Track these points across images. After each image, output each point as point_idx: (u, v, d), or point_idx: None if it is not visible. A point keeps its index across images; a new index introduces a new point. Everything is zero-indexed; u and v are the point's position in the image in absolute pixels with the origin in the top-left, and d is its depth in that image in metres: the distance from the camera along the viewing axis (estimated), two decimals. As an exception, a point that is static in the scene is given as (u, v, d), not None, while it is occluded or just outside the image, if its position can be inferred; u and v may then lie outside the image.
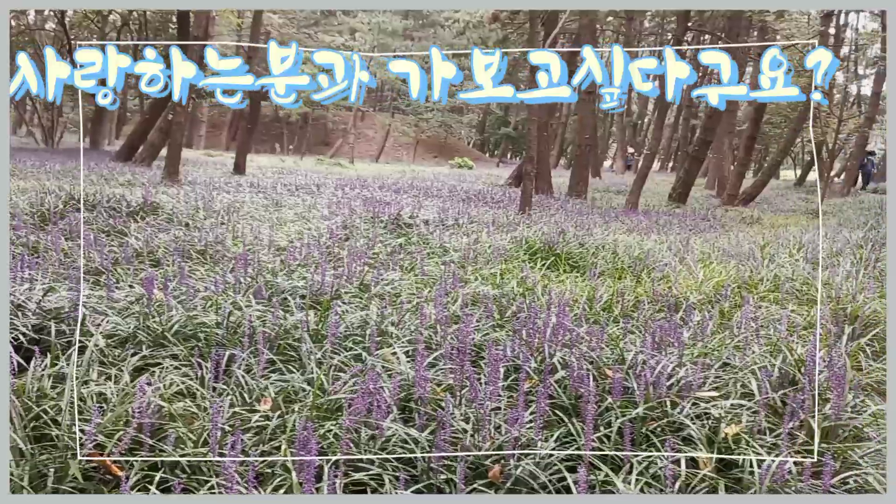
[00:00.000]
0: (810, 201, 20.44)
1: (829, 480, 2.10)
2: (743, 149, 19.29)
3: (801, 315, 4.76)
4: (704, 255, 7.34)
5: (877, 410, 2.85)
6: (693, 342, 3.56)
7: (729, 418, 2.60)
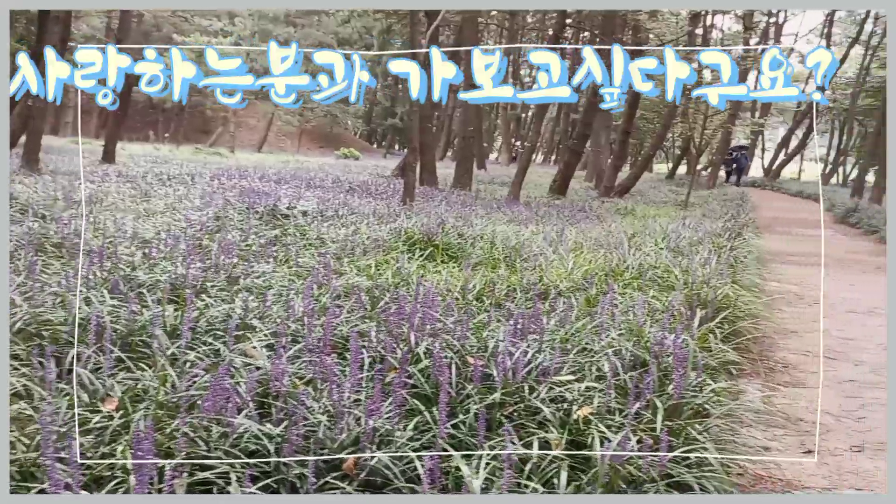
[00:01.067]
0: (680, 193, 21.54)
1: (665, 456, 2.22)
2: (618, 143, 20.13)
3: (659, 301, 5.01)
4: (577, 244, 7.60)
5: (717, 388, 3.05)
6: (557, 328, 3.68)
7: (581, 401, 2.70)
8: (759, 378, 4.57)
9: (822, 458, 3.35)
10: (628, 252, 6.97)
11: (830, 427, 3.76)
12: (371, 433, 2.26)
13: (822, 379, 4.64)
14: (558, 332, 3.59)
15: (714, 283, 5.43)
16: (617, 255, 6.78)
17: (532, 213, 11.56)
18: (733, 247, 8.38)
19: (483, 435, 2.24)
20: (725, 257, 6.93)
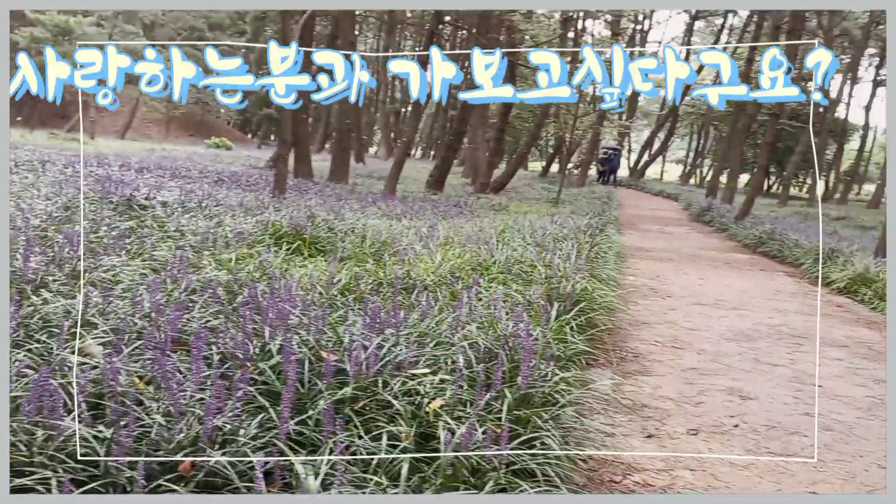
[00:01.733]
0: (552, 190, 22.28)
1: (506, 445, 2.29)
2: (494, 140, 20.55)
3: (521, 294, 5.15)
4: (448, 239, 7.70)
5: (565, 377, 3.18)
6: (417, 322, 3.70)
7: (433, 394, 2.73)
8: (611, 367, 4.80)
9: (660, 440, 3.57)
10: (496, 247, 7.13)
11: (671, 412, 4.00)
12: (210, 433, 2.18)
13: (668, 367, 4.94)
14: (418, 325, 3.61)
15: (573, 278, 5.64)
16: (485, 250, 6.92)
17: (407, 208, 11.60)
18: (595, 243, 8.75)
19: (330, 431, 2.22)
20: (586, 253, 7.22)
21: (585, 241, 8.25)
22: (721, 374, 4.85)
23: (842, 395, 4.53)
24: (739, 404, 4.23)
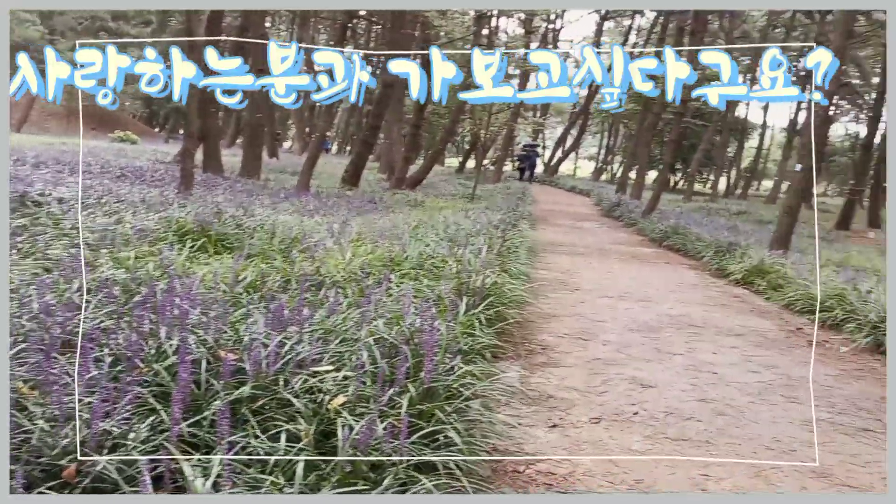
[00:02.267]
0: (469, 186, 22.46)
1: (405, 439, 2.30)
2: (410, 136, 20.53)
3: (432, 289, 5.17)
4: (361, 235, 7.65)
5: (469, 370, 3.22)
6: (323, 319, 3.66)
7: (335, 391, 2.71)
8: (519, 360, 4.88)
9: (564, 430, 3.65)
10: (409, 243, 7.14)
11: (575, 402, 4.10)
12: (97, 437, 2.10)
13: (574, 359, 5.07)
14: (324, 322, 3.58)
15: (484, 272, 5.70)
16: (398, 245, 6.91)
17: (320, 204, 11.47)
18: (507, 238, 8.88)
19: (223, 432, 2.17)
20: (497, 248, 7.32)
21: (497, 236, 8.35)
22: (624, 363, 5.01)
23: (735, 382, 4.75)
24: (640, 392, 4.38)
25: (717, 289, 8.85)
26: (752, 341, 6.02)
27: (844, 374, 5.14)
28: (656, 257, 11.76)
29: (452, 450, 2.67)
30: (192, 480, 1.95)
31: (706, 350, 5.58)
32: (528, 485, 2.96)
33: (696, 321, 6.67)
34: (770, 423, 3.97)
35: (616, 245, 13.24)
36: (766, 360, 5.41)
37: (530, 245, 10.63)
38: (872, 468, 3.43)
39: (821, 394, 4.60)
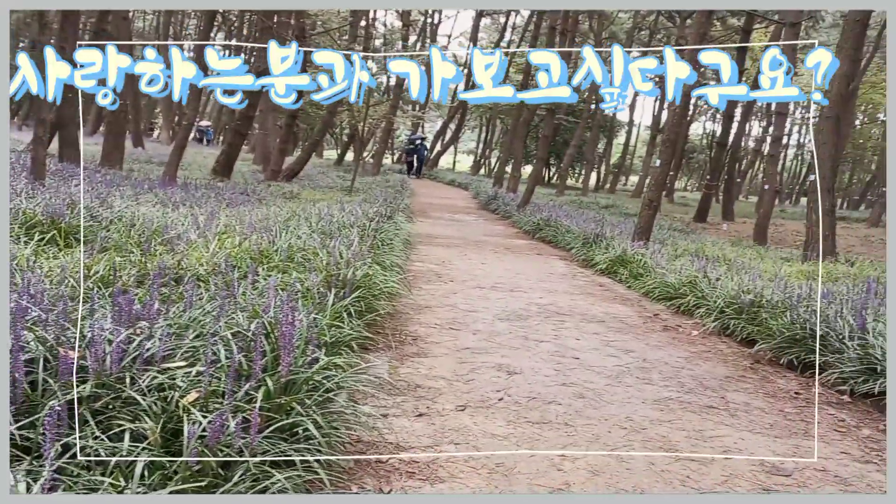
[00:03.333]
0: (347, 178, 22.28)
1: (255, 434, 2.24)
2: (285, 127, 20.08)
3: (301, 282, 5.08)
4: (229, 227, 7.40)
5: (332, 362, 3.19)
6: (179, 314, 3.52)
7: (185, 386, 2.61)
8: (389, 351, 4.89)
9: (430, 418, 3.69)
10: (279, 235, 6.98)
11: (442, 391, 4.15)
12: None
13: (444, 348, 5.14)
14: (179, 317, 3.43)
15: (354, 264, 5.67)
16: (267, 237, 6.74)
17: (188, 195, 11.01)
18: (382, 230, 8.87)
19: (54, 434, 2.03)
20: (371, 240, 7.29)
21: (372, 228, 8.32)
22: (492, 352, 5.12)
23: (595, 366, 4.97)
24: (506, 379, 4.49)
25: (583, 278, 9.23)
26: (613, 327, 6.32)
27: (694, 356, 5.49)
28: (529, 249, 12.11)
29: (312, 443, 2.64)
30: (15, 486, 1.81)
31: (570, 336, 5.80)
32: (390, 474, 2.97)
33: (563, 309, 6.92)
34: (624, 404, 4.18)
35: (491, 237, 13.53)
36: (625, 344, 5.70)
37: (406, 237, 10.67)
38: (714, 443, 3.68)
39: (672, 374, 4.89)
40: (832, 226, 11.00)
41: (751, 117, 34.41)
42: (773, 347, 5.42)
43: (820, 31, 32.39)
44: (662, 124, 26.41)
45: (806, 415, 4.24)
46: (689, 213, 23.75)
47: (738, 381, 4.86)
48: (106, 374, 2.49)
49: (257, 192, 13.97)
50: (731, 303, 6.35)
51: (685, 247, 11.42)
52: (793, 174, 54.10)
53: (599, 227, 12.14)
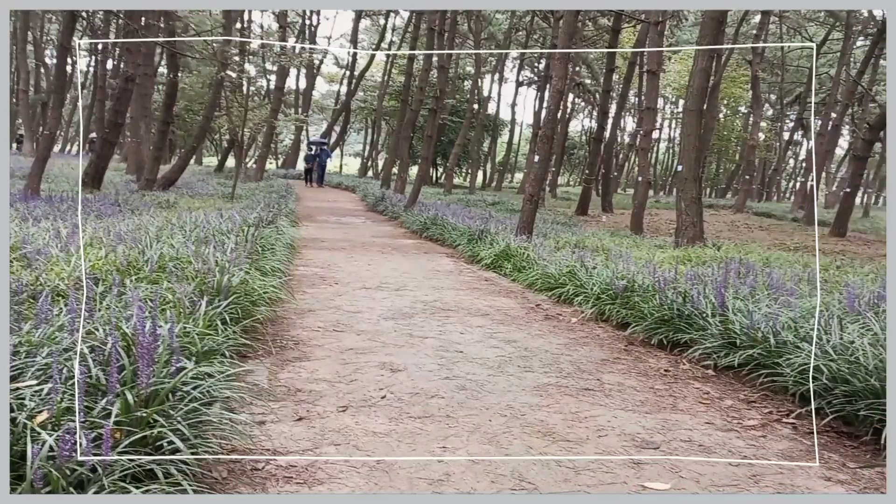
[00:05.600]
0: (228, 185, 21.60)
1: (108, 449, 2.13)
2: (158, 133, 19.25)
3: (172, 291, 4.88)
4: (95, 239, 7.01)
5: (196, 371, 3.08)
6: (32, 330, 3.29)
7: (34, 406, 2.44)
8: (269, 357, 4.77)
9: (310, 421, 3.63)
10: (150, 245, 6.68)
11: (324, 393, 4.09)
12: None
13: (327, 351, 5.06)
14: (31, 334, 3.21)
15: (231, 270, 5.50)
16: (137, 248, 6.44)
17: (52, 209, 10.35)
18: (261, 235, 8.66)
19: None
20: (249, 245, 7.10)
21: (251, 234, 8.10)
22: (376, 351, 5.10)
23: (478, 358, 5.04)
24: (389, 377, 4.48)
25: (469, 274, 9.36)
26: (497, 319, 6.44)
27: (572, 342, 5.67)
28: (416, 248, 12.16)
29: (179, 455, 2.53)
30: None
31: (455, 331, 5.86)
32: (266, 480, 2.89)
33: (448, 305, 6.99)
34: (505, 392, 4.25)
35: (378, 238, 13.49)
36: (508, 335, 5.81)
37: (290, 242, 10.48)
38: (589, 423, 3.81)
39: (551, 361, 5.03)
40: (699, 213, 11.65)
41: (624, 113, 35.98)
42: (644, 329, 5.68)
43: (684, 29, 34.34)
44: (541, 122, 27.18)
45: (674, 390, 4.47)
46: (571, 207, 24.57)
47: (613, 363, 5.06)
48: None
49: (129, 203, 13.32)
50: (607, 289, 6.60)
51: (566, 239, 11.80)
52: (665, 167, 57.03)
53: (484, 223, 12.35)
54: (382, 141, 50.44)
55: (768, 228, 20.20)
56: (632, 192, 37.51)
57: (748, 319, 4.78)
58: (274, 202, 15.33)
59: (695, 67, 12.12)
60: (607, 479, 3.07)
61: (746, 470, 3.23)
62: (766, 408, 4.18)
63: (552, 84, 11.45)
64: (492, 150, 47.47)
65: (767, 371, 4.37)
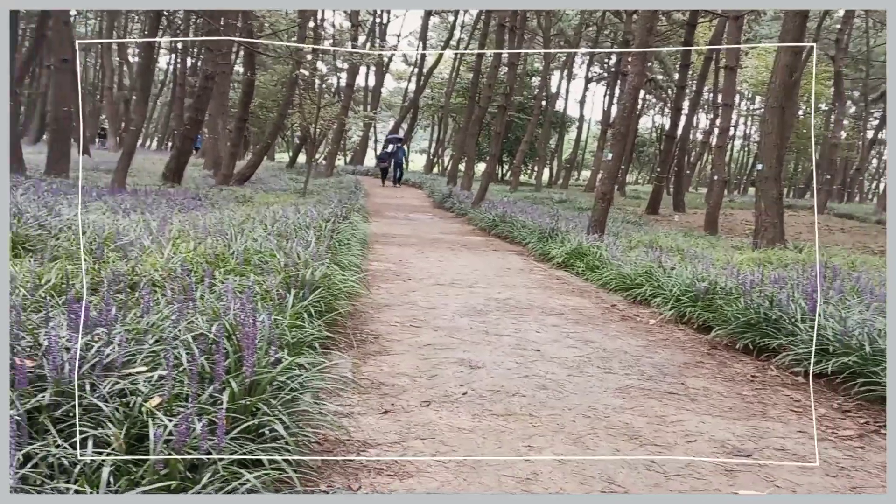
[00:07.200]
0: (300, 181, 22.08)
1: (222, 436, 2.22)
2: (234, 130, 19.80)
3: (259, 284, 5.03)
4: (182, 232, 7.28)
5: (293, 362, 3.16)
6: (136, 319, 3.45)
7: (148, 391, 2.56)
8: (351, 350, 4.87)
9: (395, 415, 3.69)
10: (235, 238, 6.89)
11: (406, 388, 4.15)
12: None
13: (406, 346, 5.13)
14: (138, 322, 3.37)
15: (313, 265, 5.63)
16: (223, 241, 6.65)
17: (138, 202, 10.78)
18: (339, 230, 8.82)
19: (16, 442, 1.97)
20: (328, 241, 7.24)
21: (328, 229, 8.27)
22: (454, 347, 5.14)
23: (556, 357, 5.02)
24: (469, 373, 4.51)
25: (540, 272, 9.32)
26: (572, 319, 6.40)
27: (652, 344, 5.59)
28: (485, 245, 12.18)
29: (279, 443, 2.61)
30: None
31: (531, 329, 5.85)
32: (358, 472, 2.96)
33: (522, 303, 6.98)
34: (587, 393, 4.23)
35: (447, 235, 13.56)
36: (584, 335, 5.77)
37: (363, 237, 10.64)
38: (676, 427, 3.75)
39: (631, 362, 4.97)
40: (780, 213, 11.31)
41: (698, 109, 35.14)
42: (728, 333, 5.56)
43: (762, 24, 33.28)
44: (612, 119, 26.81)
45: (763, 397, 4.36)
46: (641, 206, 24.16)
47: (697, 367, 4.97)
48: (65, 382, 2.43)
49: (209, 197, 13.76)
50: (687, 291, 6.48)
51: (639, 238, 11.61)
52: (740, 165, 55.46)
53: (554, 221, 12.27)
54: (448, 138, 50.60)
55: (850, 231, 19.44)
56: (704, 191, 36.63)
57: (841, 326, 4.62)
58: (345, 198, 15.59)
59: (777, 63, 11.73)
60: (699, 486, 3.03)
61: (846, 482, 3.13)
62: (861, 417, 4.04)
63: (628, 81, 11.28)
64: (559, 147, 47.05)
65: (863, 380, 4.21)
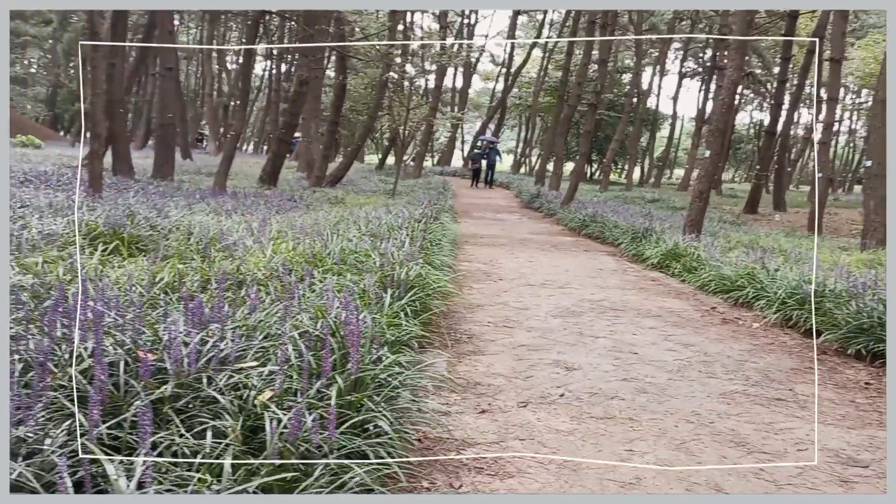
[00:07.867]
0: (389, 182, 22.41)
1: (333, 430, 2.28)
2: (327, 133, 20.30)
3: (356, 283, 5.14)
4: (281, 232, 7.53)
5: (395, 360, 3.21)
6: (246, 316, 3.59)
7: (260, 385, 2.67)
8: (446, 349, 4.91)
9: (493, 415, 3.70)
10: (331, 238, 7.07)
11: (502, 388, 4.16)
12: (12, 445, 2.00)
13: (500, 346, 5.13)
14: (246, 319, 3.50)
15: (407, 265, 5.71)
16: (319, 242, 6.84)
17: (238, 203, 11.22)
18: (430, 230, 8.91)
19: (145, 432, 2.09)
20: (420, 241, 7.33)
21: (420, 229, 8.37)
22: (548, 349, 5.10)
23: (655, 360, 4.91)
24: (565, 375, 4.47)
25: (634, 273, 9.13)
26: (670, 321, 6.24)
27: (757, 349, 5.39)
28: (575, 245, 12.03)
29: (383, 439, 2.67)
30: (116, 480, 1.87)
31: (626, 332, 5.74)
32: (459, 470, 2.99)
33: (616, 304, 6.86)
34: (689, 398, 4.12)
35: (536, 235, 13.48)
36: (684, 338, 5.62)
37: (453, 237, 10.71)
38: (786, 435, 3.61)
39: (735, 367, 4.81)
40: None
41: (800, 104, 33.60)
42: (839, 338, 5.29)
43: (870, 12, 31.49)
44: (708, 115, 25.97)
45: (878, 405, 4.13)
46: (738, 205, 23.31)
47: (805, 373, 4.76)
48: (184, 375, 2.56)
49: (304, 199, 14.16)
50: (793, 293, 6.21)
51: (738, 238, 11.21)
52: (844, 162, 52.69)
53: (648, 221, 12.00)
54: (536, 137, 50.26)
55: (970, 231, 18.12)
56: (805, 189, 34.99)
57: (967, 332, 4.32)
58: (434, 198, 15.73)
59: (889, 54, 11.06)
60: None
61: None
62: None
63: (726, 75, 10.89)
64: (650, 145, 45.95)
65: None
